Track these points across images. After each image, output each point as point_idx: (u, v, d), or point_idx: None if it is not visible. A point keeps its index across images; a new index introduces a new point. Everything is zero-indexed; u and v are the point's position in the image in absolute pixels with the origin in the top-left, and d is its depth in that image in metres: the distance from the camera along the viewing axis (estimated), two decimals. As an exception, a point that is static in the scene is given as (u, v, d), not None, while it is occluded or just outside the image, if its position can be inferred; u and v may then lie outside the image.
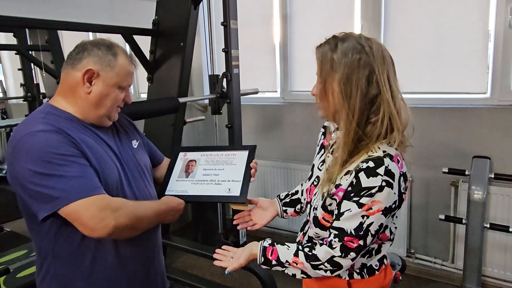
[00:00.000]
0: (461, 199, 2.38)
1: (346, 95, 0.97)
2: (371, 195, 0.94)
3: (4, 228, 3.19)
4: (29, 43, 3.24)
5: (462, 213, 2.32)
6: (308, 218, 1.16)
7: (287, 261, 1.06)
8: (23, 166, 0.96)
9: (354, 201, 0.96)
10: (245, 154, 1.34)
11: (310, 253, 1.03)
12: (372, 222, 0.96)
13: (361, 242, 0.98)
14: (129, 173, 1.16)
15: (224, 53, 2.16)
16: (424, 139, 2.51)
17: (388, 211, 0.97)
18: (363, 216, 0.96)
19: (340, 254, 0.99)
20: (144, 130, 2.67)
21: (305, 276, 1.07)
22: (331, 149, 1.13)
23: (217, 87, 2.21)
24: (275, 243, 1.11)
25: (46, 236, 1.05)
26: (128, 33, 2.27)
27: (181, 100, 2.13)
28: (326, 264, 1.01)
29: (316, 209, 1.07)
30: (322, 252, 1.02)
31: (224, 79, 2.19)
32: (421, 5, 2.49)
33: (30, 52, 3.14)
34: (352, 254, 0.99)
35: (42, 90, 3.41)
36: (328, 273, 1.02)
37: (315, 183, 1.15)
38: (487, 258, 2.34)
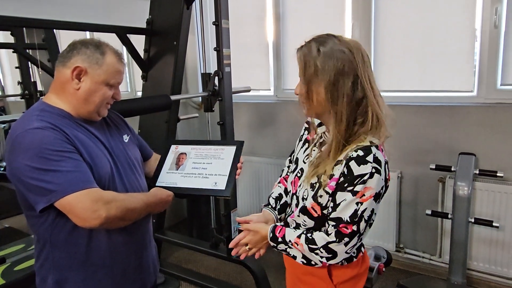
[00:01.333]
0: (448, 194, 2.43)
1: (333, 100, 1.03)
2: (364, 182, 1.01)
3: (3, 224, 3.25)
4: (26, 42, 3.28)
5: (449, 208, 2.37)
6: (291, 208, 1.23)
7: (290, 241, 1.12)
8: (21, 162, 1.02)
9: (348, 191, 1.02)
10: (232, 149, 1.39)
11: (310, 237, 1.10)
12: (366, 208, 1.03)
13: (354, 228, 1.04)
14: (120, 166, 1.21)
15: (216, 52, 2.20)
16: (412, 136, 2.57)
17: (377, 197, 1.04)
18: (357, 203, 1.02)
19: (334, 239, 1.05)
20: (139, 126, 2.72)
21: (305, 262, 1.13)
22: (317, 142, 1.19)
23: (209, 85, 2.26)
24: (286, 226, 1.19)
25: (43, 225, 1.11)
26: (122, 32, 2.31)
27: (173, 97, 2.18)
28: (321, 249, 1.07)
29: (305, 199, 1.12)
30: (318, 237, 1.08)
31: (216, 77, 2.24)
32: (410, 5, 2.54)
33: (27, 50, 3.18)
34: (346, 239, 1.05)
35: (39, 87, 3.45)
36: (324, 260, 1.08)
37: (298, 175, 1.21)
38: (472, 252, 2.40)
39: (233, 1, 2.26)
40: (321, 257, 1.08)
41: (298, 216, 1.16)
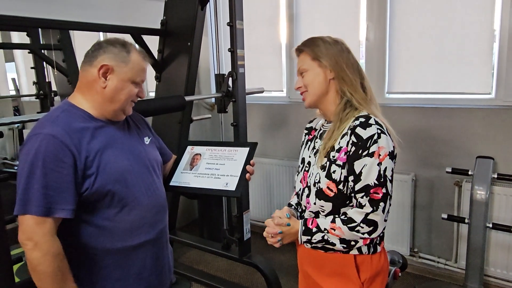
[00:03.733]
0: (464, 198, 2.39)
1: (339, 79, 1.19)
2: (376, 142, 1.07)
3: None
4: (41, 43, 3.32)
5: (466, 212, 2.33)
6: (301, 203, 1.26)
7: (325, 229, 1.14)
8: (20, 164, 1.06)
9: (365, 155, 1.07)
10: (245, 150, 1.39)
11: (346, 217, 1.11)
12: (386, 167, 1.08)
13: (384, 190, 1.08)
14: (138, 168, 1.21)
15: (230, 52, 2.19)
16: (428, 139, 2.53)
17: (392, 156, 1.10)
18: (378, 164, 1.07)
19: (371, 209, 1.08)
20: (152, 127, 2.72)
21: (345, 246, 1.14)
22: (317, 135, 1.27)
23: (222, 86, 2.25)
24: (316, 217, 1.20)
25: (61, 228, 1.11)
26: (137, 33, 2.32)
27: (187, 98, 2.18)
28: (362, 224, 1.09)
29: (318, 182, 1.16)
30: (355, 213, 1.10)
31: (230, 78, 2.23)
32: (426, 6, 2.50)
33: (42, 51, 3.22)
34: (382, 205, 1.08)
35: (54, 88, 3.49)
36: (366, 235, 1.09)
37: (306, 169, 1.25)
38: (490, 257, 2.35)
39: (246, 2, 2.25)
40: (363, 233, 1.09)
41: (315, 204, 1.18)
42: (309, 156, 1.26)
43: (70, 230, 1.12)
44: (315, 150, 1.24)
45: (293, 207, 1.35)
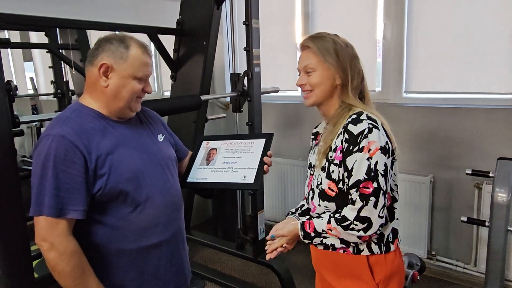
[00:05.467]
0: (484, 201, 2.33)
1: (347, 78, 1.18)
2: (366, 137, 1.07)
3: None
4: (59, 42, 3.36)
5: (486, 215, 2.27)
6: (307, 205, 1.27)
7: (323, 230, 1.13)
8: (33, 164, 1.07)
9: (355, 151, 1.08)
10: (262, 142, 1.37)
11: (339, 216, 1.10)
12: (377, 161, 1.07)
13: (375, 184, 1.06)
14: (151, 166, 1.20)
15: (245, 51, 2.18)
16: (446, 139, 2.47)
17: (385, 151, 1.09)
18: (368, 159, 1.07)
19: (361, 204, 1.07)
20: (168, 126, 2.74)
21: (344, 246, 1.13)
22: (322, 137, 1.25)
23: (238, 85, 2.24)
24: (312, 218, 1.19)
25: (76, 228, 1.12)
26: (153, 32, 2.33)
27: (203, 97, 2.18)
28: (355, 222, 1.07)
29: (320, 184, 1.17)
30: (347, 211, 1.09)
31: (245, 78, 2.22)
32: (445, 3, 2.45)
33: (60, 50, 3.26)
34: (372, 199, 1.06)
35: (71, 87, 3.53)
36: (362, 233, 1.08)
37: (312, 172, 1.25)
38: (511, 262, 2.29)
39: (261, 0, 2.23)
40: (358, 230, 1.08)
41: (319, 205, 1.18)
42: (315, 160, 1.25)
43: (84, 231, 1.12)
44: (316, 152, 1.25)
45: (290, 213, 1.35)
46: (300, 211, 1.34)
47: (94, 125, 1.12)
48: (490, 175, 2.22)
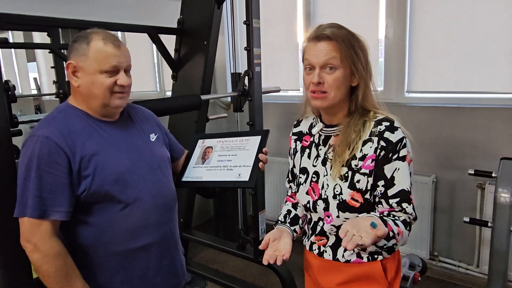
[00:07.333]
0: (487, 201, 2.31)
1: (369, 76, 1.09)
2: (405, 146, 1.05)
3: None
4: (61, 42, 3.37)
5: (489, 216, 2.25)
6: (319, 215, 1.15)
7: (398, 234, 0.99)
8: (18, 165, 1.07)
9: (395, 159, 1.03)
10: (257, 139, 1.34)
11: (401, 220, 1.03)
12: (411, 172, 1.07)
13: (412, 195, 1.05)
14: (141, 166, 1.18)
15: (246, 51, 2.18)
16: (449, 139, 2.46)
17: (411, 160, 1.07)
18: (409, 169, 1.05)
19: (415, 215, 1.06)
20: (168, 126, 2.73)
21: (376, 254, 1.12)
22: (319, 141, 1.15)
23: (239, 85, 2.24)
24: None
25: (63, 229, 1.12)
26: (154, 32, 2.33)
27: (203, 97, 2.18)
28: (407, 228, 1.05)
29: (339, 194, 1.07)
30: (404, 220, 1.03)
31: (246, 77, 2.21)
32: (447, 3, 2.43)
33: (62, 50, 3.27)
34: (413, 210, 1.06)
35: (73, 87, 3.55)
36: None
37: (314, 179, 1.15)
38: (514, 263, 2.26)
39: (262, 0, 2.22)
40: (408, 235, 1.06)
41: (338, 216, 1.09)
42: (314, 166, 1.16)
43: (71, 231, 1.11)
44: (320, 159, 1.14)
45: (279, 222, 1.25)
46: (289, 220, 1.25)
47: (81, 125, 1.11)
48: (493, 175, 2.20)
